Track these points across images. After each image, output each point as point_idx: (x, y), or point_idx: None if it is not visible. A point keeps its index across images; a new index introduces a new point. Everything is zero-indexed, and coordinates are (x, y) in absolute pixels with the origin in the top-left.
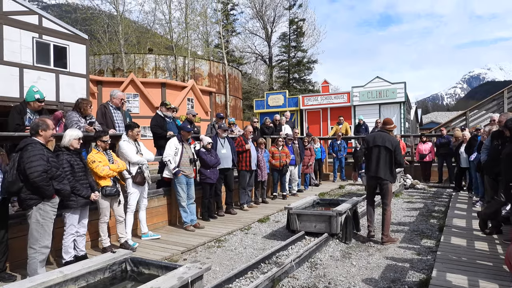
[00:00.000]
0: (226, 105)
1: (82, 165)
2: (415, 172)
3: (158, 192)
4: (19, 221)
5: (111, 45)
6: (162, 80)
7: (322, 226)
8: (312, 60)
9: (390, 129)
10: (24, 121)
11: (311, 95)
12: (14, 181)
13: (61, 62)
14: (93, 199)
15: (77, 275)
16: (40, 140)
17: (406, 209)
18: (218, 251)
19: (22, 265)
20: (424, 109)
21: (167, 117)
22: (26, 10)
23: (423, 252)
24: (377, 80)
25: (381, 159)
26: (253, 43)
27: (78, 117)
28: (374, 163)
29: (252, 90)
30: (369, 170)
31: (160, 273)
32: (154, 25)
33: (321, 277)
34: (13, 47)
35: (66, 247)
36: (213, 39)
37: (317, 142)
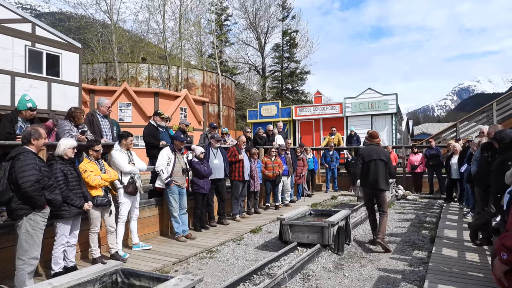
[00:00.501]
0: (219, 115)
1: (76, 175)
2: (407, 183)
3: (150, 202)
4: (7, 231)
5: (105, 54)
6: (155, 90)
7: (315, 237)
8: (305, 71)
9: (378, 142)
10: (15, 130)
11: (304, 106)
12: (5, 190)
13: (53, 70)
14: (86, 209)
15: (66, 287)
16: (32, 149)
17: (398, 220)
18: (210, 262)
19: (9, 276)
20: (415, 120)
21: (160, 127)
22: (19, 18)
23: (415, 263)
24: (369, 91)
25: (379, 172)
26: (247, 53)
27: (70, 126)
28: (373, 175)
29: (245, 100)
30: (369, 183)
31: (152, 285)
32: (148, 35)
33: None
34: (5, 55)
35: (55, 258)
36: (207, 49)
37: (310, 152)
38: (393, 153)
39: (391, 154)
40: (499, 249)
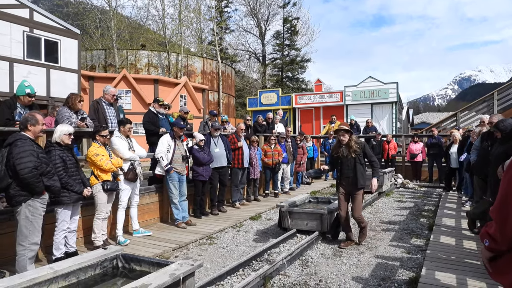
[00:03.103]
0: (219, 102)
1: (74, 161)
2: (406, 172)
3: (150, 189)
4: (8, 217)
5: (103, 40)
6: (155, 77)
7: (314, 224)
8: (305, 59)
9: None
10: (14, 116)
11: (304, 94)
12: (2, 177)
13: (52, 57)
14: (85, 195)
15: (67, 271)
16: (29, 135)
17: (397, 208)
18: (210, 248)
19: (10, 262)
20: (416, 109)
21: (159, 114)
22: (17, 4)
23: (413, 250)
24: (370, 80)
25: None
26: (247, 40)
27: (69, 112)
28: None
29: (245, 88)
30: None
31: (152, 270)
32: (147, 21)
33: (312, 274)
34: (3, 41)
35: (57, 243)
36: (207, 36)
37: (310, 140)
38: (393, 142)
39: (390, 143)
40: (483, 236)
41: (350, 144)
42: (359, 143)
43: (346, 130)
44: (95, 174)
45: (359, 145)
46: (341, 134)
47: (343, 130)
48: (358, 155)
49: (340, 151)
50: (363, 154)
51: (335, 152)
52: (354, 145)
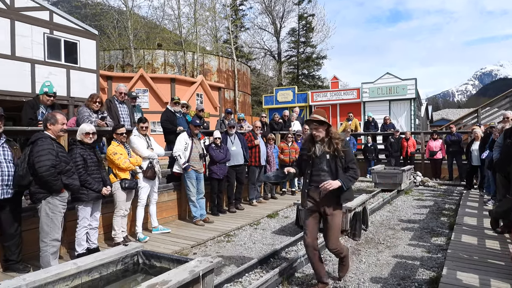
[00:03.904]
0: (235, 100)
1: (96, 160)
2: (425, 170)
3: (168, 187)
4: (32, 214)
5: (121, 40)
6: (171, 76)
7: None
8: (321, 56)
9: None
10: (37, 116)
11: (320, 91)
12: (25, 174)
13: (71, 57)
14: (104, 194)
15: (90, 267)
16: (50, 134)
17: (416, 207)
18: (228, 246)
19: (35, 257)
20: (435, 106)
21: (177, 113)
22: (37, 6)
23: (433, 250)
24: (387, 76)
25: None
26: (262, 38)
27: (89, 112)
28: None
29: (261, 85)
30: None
31: (172, 266)
32: (163, 21)
33: (330, 273)
34: (24, 43)
35: (79, 240)
36: (222, 35)
37: None
38: (412, 139)
39: (409, 140)
40: None
41: (331, 142)
42: (343, 139)
43: (321, 121)
44: (114, 173)
45: (343, 144)
46: (313, 128)
47: (317, 121)
48: (340, 157)
49: (312, 149)
50: (344, 157)
51: (306, 150)
52: (337, 142)
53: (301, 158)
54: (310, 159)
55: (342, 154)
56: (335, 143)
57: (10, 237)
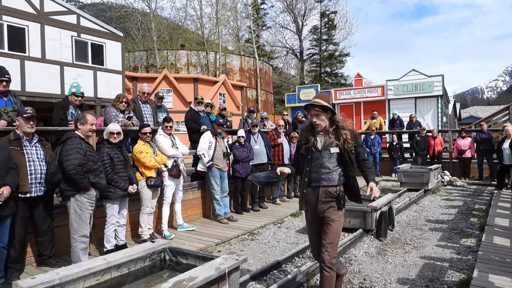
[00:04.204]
0: (257, 99)
1: (122, 158)
2: (454, 169)
3: (192, 185)
4: (63, 211)
5: (145, 42)
6: (194, 76)
7: (357, 222)
8: (344, 53)
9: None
10: (67, 116)
11: (343, 89)
12: (55, 172)
13: (98, 59)
14: (130, 192)
15: (119, 262)
16: (80, 134)
17: (444, 207)
18: (252, 244)
19: (66, 252)
20: (463, 103)
21: (200, 112)
22: (65, 10)
23: (463, 251)
24: (413, 73)
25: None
26: (284, 37)
27: (116, 112)
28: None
29: (283, 84)
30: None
31: (198, 263)
32: (186, 21)
33: (355, 273)
34: (54, 46)
35: (107, 237)
36: (244, 34)
37: None
38: (439, 137)
39: (436, 139)
40: None
41: (338, 132)
42: (351, 129)
43: (324, 107)
44: (140, 171)
45: (352, 133)
46: (314, 114)
47: (319, 107)
48: (350, 151)
49: (311, 140)
50: (355, 149)
51: (304, 143)
52: (346, 132)
53: (298, 153)
54: (309, 153)
55: (352, 147)
56: (343, 134)
57: (43, 233)
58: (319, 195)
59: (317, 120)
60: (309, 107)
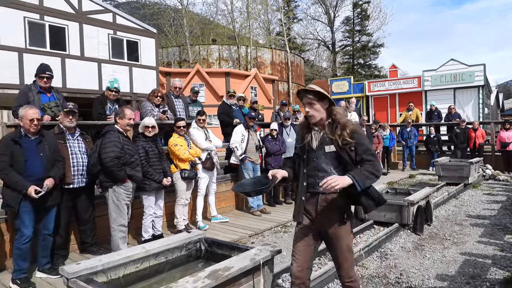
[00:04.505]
0: (289, 92)
1: (157, 152)
2: (496, 162)
3: (225, 178)
4: (103, 201)
5: (177, 37)
6: (226, 70)
7: (393, 216)
8: (377, 44)
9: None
10: (105, 111)
11: (378, 81)
12: (95, 164)
13: (133, 56)
14: (164, 184)
15: (157, 251)
16: (118, 128)
17: (486, 202)
18: (285, 236)
19: (107, 241)
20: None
21: (233, 105)
22: (102, 9)
23: (507, 248)
24: (452, 62)
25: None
26: (315, 29)
27: (151, 106)
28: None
29: (315, 77)
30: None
31: (232, 254)
32: (217, 16)
33: (392, 267)
34: (91, 44)
35: (145, 227)
36: (275, 27)
37: (387, 129)
38: (480, 130)
39: (477, 131)
40: None
41: (334, 126)
42: (351, 123)
43: (318, 94)
44: (175, 163)
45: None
46: (307, 102)
47: (312, 93)
48: (349, 148)
49: (306, 137)
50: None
51: (300, 141)
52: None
53: (296, 153)
54: (305, 153)
55: (351, 143)
56: (340, 128)
57: (85, 222)
58: (318, 205)
59: (310, 110)
60: (301, 94)
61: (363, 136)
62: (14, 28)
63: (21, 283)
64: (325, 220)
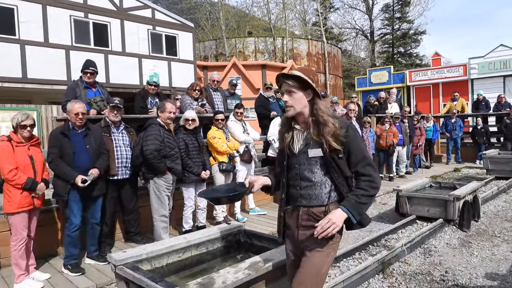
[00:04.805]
0: (326, 84)
1: (197, 145)
2: None
3: (263, 171)
4: (146, 192)
5: (214, 31)
6: (262, 62)
7: (437, 211)
8: (419, 32)
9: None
10: (147, 104)
11: (419, 70)
12: (138, 155)
13: (172, 50)
14: (202, 177)
15: (198, 241)
16: (160, 121)
17: None
18: None
19: (149, 230)
20: None
21: (270, 98)
22: (142, 5)
23: None
24: (501, 48)
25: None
26: (353, 18)
27: (190, 100)
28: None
29: (352, 67)
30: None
31: (272, 246)
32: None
33: (436, 264)
34: (132, 40)
35: (186, 218)
36: (311, 17)
37: (431, 120)
38: None
39: None
40: None
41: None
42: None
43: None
44: (213, 156)
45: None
46: (286, 90)
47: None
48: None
49: (286, 138)
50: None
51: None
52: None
53: (278, 156)
54: (285, 158)
55: (339, 149)
56: (324, 129)
57: (129, 211)
58: (299, 219)
59: (289, 100)
60: (280, 80)
61: (355, 139)
62: (61, 26)
63: (72, 268)
64: (307, 235)
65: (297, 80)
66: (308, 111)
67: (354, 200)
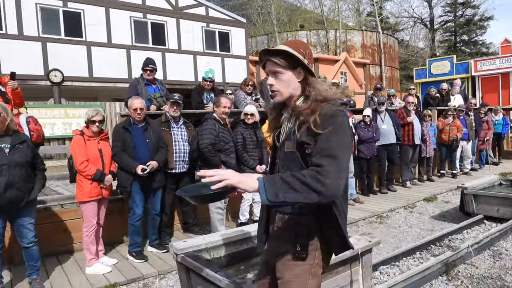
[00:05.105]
0: (382, 76)
1: (255, 139)
2: None
3: None
4: None
5: (265, 26)
6: (315, 55)
7: (508, 211)
8: (485, 17)
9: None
10: (202, 100)
11: (486, 59)
12: (195, 150)
13: (225, 46)
14: (257, 171)
15: (254, 234)
16: (216, 116)
17: None
18: (381, 227)
19: (206, 222)
20: None
21: None
22: (196, 3)
23: None
24: None
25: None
26: (411, 5)
27: (244, 95)
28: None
29: (410, 58)
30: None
31: None
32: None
33: (508, 269)
34: (187, 38)
35: (242, 210)
36: (365, 7)
37: (499, 113)
38: None
39: None
40: None
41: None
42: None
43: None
44: (267, 151)
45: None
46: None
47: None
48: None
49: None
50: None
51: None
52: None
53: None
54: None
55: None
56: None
57: (187, 203)
58: (275, 226)
59: (275, 84)
60: (264, 59)
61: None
62: (123, 27)
63: (136, 255)
64: (275, 249)
65: (285, 57)
66: (299, 92)
67: (280, 177)
